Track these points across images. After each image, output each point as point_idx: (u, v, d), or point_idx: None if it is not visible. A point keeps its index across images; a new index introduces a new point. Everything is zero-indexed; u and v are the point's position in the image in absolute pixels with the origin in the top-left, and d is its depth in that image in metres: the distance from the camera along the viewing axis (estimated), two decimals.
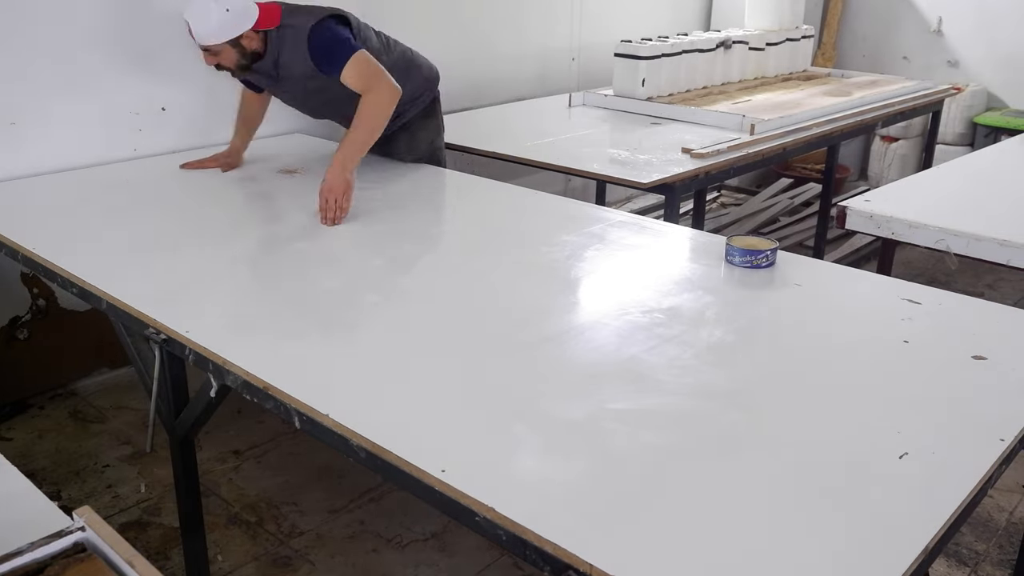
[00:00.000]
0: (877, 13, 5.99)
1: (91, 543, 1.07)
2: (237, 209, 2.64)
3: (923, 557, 1.13)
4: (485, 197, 2.79)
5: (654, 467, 1.33)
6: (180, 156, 3.21)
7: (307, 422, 1.49)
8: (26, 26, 2.86)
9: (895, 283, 1.98)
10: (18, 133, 2.92)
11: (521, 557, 1.20)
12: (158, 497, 2.64)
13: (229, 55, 2.62)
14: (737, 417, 1.47)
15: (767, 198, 5.46)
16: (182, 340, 1.75)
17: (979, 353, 1.68)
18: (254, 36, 2.61)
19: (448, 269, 2.16)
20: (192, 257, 2.20)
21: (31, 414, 3.09)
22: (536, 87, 4.54)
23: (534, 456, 1.36)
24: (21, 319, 3.11)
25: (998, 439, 1.39)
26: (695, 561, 1.13)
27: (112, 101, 3.10)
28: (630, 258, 2.23)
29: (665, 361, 1.65)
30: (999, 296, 4.22)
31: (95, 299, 2.01)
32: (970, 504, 1.27)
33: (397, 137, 3.01)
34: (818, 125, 3.72)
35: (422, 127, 3.07)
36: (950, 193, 2.79)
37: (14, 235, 2.31)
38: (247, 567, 2.37)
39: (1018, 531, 2.49)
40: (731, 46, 4.52)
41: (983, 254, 2.30)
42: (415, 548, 2.45)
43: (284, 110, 3.56)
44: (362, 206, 2.54)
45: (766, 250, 2.09)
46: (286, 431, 2.95)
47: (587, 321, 1.89)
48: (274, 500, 2.65)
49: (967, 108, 5.54)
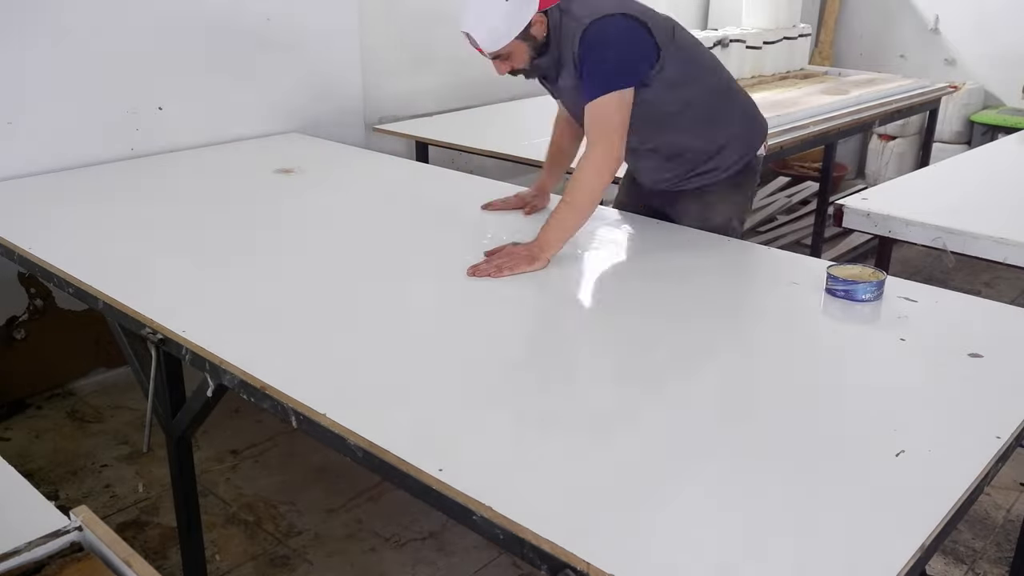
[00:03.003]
0: (874, 11, 5.99)
1: (88, 543, 1.07)
2: (234, 209, 2.64)
3: (920, 554, 1.13)
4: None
5: (652, 466, 1.33)
6: (178, 155, 3.22)
7: (304, 421, 1.49)
8: (23, 25, 2.86)
9: (892, 281, 1.98)
10: (14, 132, 2.91)
11: (519, 556, 1.20)
12: (156, 497, 2.64)
13: (520, 52, 2.17)
14: (734, 416, 1.47)
15: (764, 196, 5.46)
16: (179, 340, 1.75)
17: (976, 351, 1.68)
18: (541, 19, 2.13)
19: (448, 270, 2.15)
20: (189, 257, 2.20)
21: (28, 414, 3.09)
22: (535, 86, 4.53)
23: (532, 455, 1.36)
24: (18, 319, 3.10)
25: (994, 437, 1.39)
26: (693, 559, 1.13)
27: (109, 100, 3.10)
28: (630, 255, 2.23)
29: (663, 360, 1.65)
30: (996, 294, 4.23)
31: (92, 299, 2.01)
32: (967, 501, 1.27)
33: (685, 204, 2.41)
34: (815, 123, 3.73)
35: (724, 199, 2.38)
36: (947, 191, 2.79)
37: (11, 235, 2.30)
38: (245, 566, 2.37)
39: (1015, 528, 2.50)
40: (728, 44, 4.52)
41: (980, 252, 2.31)
42: (413, 547, 2.45)
43: (276, 107, 3.58)
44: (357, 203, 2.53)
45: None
46: (284, 431, 2.95)
47: (587, 320, 1.89)
48: (272, 499, 2.65)
49: (964, 106, 5.55)
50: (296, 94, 3.63)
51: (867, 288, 1.89)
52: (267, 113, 3.56)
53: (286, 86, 3.59)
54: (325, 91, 3.72)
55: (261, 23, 3.45)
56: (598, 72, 2.09)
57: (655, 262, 2.21)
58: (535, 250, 2.06)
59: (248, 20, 3.41)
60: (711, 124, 2.30)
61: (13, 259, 2.29)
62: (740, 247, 2.29)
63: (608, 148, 2.09)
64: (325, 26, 3.66)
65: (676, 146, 2.32)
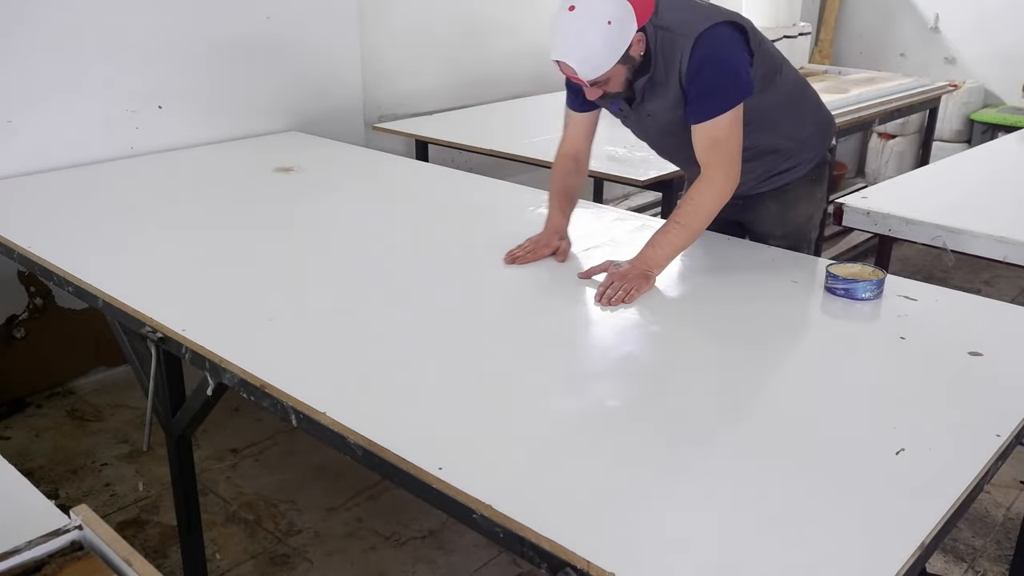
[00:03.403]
0: (874, 10, 5.99)
1: (88, 541, 1.07)
2: (233, 207, 2.64)
3: (920, 552, 1.14)
4: (489, 198, 2.79)
5: (652, 464, 1.33)
6: (177, 154, 3.22)
7: (304, 420, 1.49)
8: (23, 24, 2.86)
9: (892, 280, 1.98)
10: (15, 131, 2.91)
11: (519, 554, 1.20)
12: (156, 495, 2.64)
13: (619, 76, 1.96)
14: (734, 414, 1.47)
15: None
16: (179, 338, 1.75)
17: (975, 349, 1.68)
18: (640, 37, 1.94)
19: (448, 269, 2.15)
20: (189, 255, 2.20)
21: (29, 413, 3.09)
22: (534, 85, 4.53)
23: (532, 453, 1.36)
24: (18, 318, 3.10)
25: (994, 435, 1.39)
26: (692, 559, 1.13)
27: (109, 99, 3.10)
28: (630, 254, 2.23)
29: (663, 359, 1.65)
30: (996, 293, 4.23)
31: (92, 298, 2.01)
32: (967, 500, 1.28)
33: (764, 206, 2.31)
34: None
35: (803, 196, 2.31)
36: (947, 190, 2.79)
37: (11, 234, 2.31)
38: (245, 565, 2.37)
39: (1015, 526, 2.50)
40: None
41: (980, 251, 2.31)
42: (413, 546, 2.45)
43: (275, 105, 3.58)
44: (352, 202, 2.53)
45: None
46: (284, 429, 2.95)
47: (587, 319, 1.89)
48: (272, 498, 2.65)
49: (964, 105, 5.55)
50: (296, 92, 3.63)
51: (867, 287, 1.89)
52: (267, 112, 3.56)
53: (286, 84, 3.59)
54: (325, 90, 3.72)
55: (261, 21, 3.45)
56: (713, 91, 1.95)
57: None
58: (643, 268, 1.94)
59: (248, 18, 3.41)
60: (794, 121, 2.23)
61: (13, 258, 2.29)
62: (740, 246, 2.29)
63: (730, 172, 1.98)
64: (325, 24, 3.66)
65: (760, 148, 2.19)
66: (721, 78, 1.96)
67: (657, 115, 2.10)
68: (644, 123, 2.19)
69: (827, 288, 1.93)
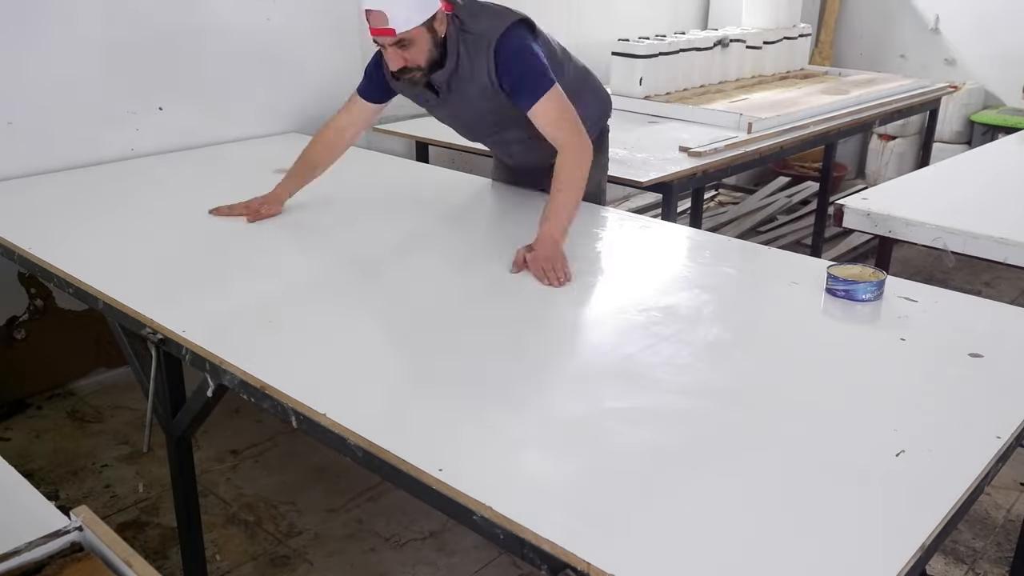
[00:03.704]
0: (874, 11, 5.99)
1: (89, 543, 1.07)
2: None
3: (920, 554, 1.14)
4: (489, 199, 2.79)
5: (652, 466, 1.33)
6: (177, 155, 3.22)
7: (304, 421, 1.49)
8: (23, 25, 2.86)
9: (892, 281, 1.98)
10: (14, 132, 2.91)
11: (519, 556, 1.20)
12: (156, 497, 2.64)
13: (422, 43, 2.16)
14: (734, 415, 1.47)
15: (764, 196, 5.46)
16: (179, 340, 1.75)
17: (976, 351, 1.68)
18: (444, 17, 2.19)
19: (448, 270, 2.15)
20: (188, 256, 2.20)
21: (29, 414, 3.09)
22: None
23: (532, 455, 1.36)
24: (19, 319, 3.10)
25: (995, 436, 1.39)
26: (692, 559, 1.13)
27: (109, 100, 3.10)
28: (630, 255, 2.23)
29: (662, 360, 1.65)
30: (996, 294, 4.23)
31: (92, 299, 2.01)
32: (967, 501, 1.28)
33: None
34: (815, 123, 3.73)
35: (593, 163, 2.48)
36: (947, 191, 2.79)
37: (11, 235, 2.31)
38: (245, 566, 2.37)
39: (1015, 528, 2.50)
40: (728, 45, 4.52)
41: (980, 252, 2.31)
42: (413, 547, 2.45)
43: (275, 107, 3.58)
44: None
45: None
46: (284, 431, 2.95)
47: (587, 320, 1.89)
48: (272, 499, 2.65)
49: (964, 106, 5.55)
50: (295, 94, 3.63)
51: (867, 288, 1.89)
52: (266, 113, 3.56)
53: (286, 86, 3.59)
54: (324, 91, 3.71)
55: (261, 23, 3.45)
56: (531, 78, 2.22)
57: (655, 263, 2.21)
58: (550, 243, 2.07)
59: (248, 20, 3.41)
60: (581, 102, 2.38)
61: (13, 259, 2.30)
62: (740, 247, 2.29)
63: (581, 137, 2.22)
64: (325, 26, 3.66)
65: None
66: (532, 64, 2.24)
67: (469, 104, 2.34)
68: (455, 112, 2.45)
69: (827, 289, 1.93)
